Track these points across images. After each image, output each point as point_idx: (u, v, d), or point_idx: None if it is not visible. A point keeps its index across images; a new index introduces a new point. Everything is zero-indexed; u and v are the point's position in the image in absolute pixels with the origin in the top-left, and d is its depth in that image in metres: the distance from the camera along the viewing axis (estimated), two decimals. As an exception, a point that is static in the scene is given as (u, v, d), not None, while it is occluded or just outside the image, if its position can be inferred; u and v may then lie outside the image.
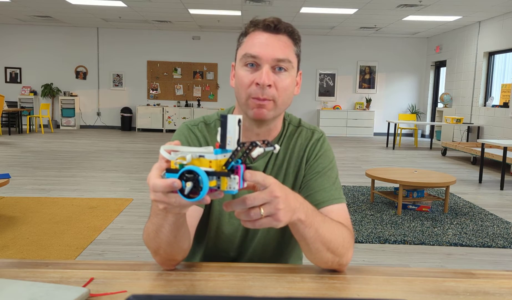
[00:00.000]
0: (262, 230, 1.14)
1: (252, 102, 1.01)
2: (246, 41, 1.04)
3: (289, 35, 1.04)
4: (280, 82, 1.01)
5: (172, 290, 0.89)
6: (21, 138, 9.33)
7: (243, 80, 1.02)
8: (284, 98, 1.03)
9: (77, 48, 11.90)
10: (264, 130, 1.10)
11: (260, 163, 1.11)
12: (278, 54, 1.00)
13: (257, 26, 1.03)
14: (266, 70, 0.99)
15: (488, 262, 3.13)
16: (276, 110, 1.04)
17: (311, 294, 0.89)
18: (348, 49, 12.16)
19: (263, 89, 0.99)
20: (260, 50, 1.00)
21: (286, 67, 1.01)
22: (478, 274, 1.01)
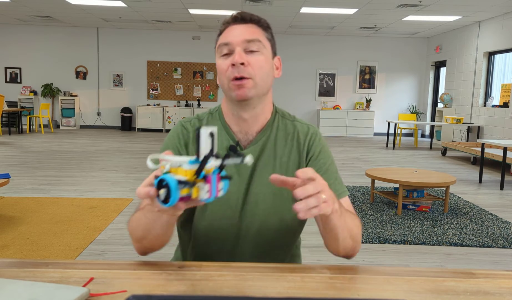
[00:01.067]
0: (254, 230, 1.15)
1: (233, 85, 1.08)
2: (220, 37, 1.13)
3: (256, 23, 1.13)
4: (253, 60, 1.08)
5: (172, 290, 0.89)
6: (21, 138, 9.33)
7: (222, 67, 1.10)
8: (262, 75, 1.09)
9: (77, 48, 11.90)
10: (252, 116, 1.14)
11: (251, 150, 1.15)
12: (246, 36, 1.09)
13: (227, 22, 1.13)
14: (238, 51, 1.07)
15: (488, 262, 3.13)
16: (257, 88, 1.09)
17: (311, 294, 0.89)
18: (348, 49, 12.17)
19: (238, 68, 1.06)
20: (231, 37, 1.09)
21: (257, 47, 1.09)
22: (478, 274, 1.01)
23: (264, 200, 1.14)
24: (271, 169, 1.15)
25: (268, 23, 1.15)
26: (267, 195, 1.14)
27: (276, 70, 1.17)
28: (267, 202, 1.15)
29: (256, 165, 1.15)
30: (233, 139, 1.15)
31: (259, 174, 1.15)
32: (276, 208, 1.15)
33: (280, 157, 1.16)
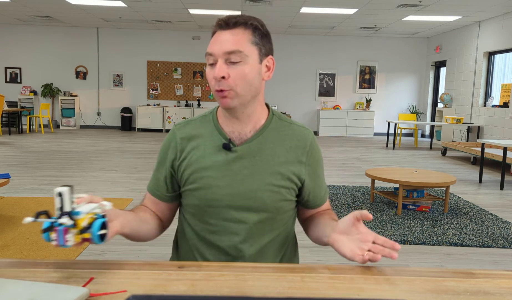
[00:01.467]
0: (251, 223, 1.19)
1: (217, 95, 1.13)
2: (209, 44, 1.15)
3: (244, 27, 1.11)
4: (234, 72, 1.09)
5: (172, 290, 0.89)
6: (21, 138, 9.33)
7: (208, 77, 1.14)
8: (244, 85, 1.11)
9: (77, 48, 11.90)
10: (244, 116, 1.18)
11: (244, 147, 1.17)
12: (227, 47, 1.09)
13: (216, 26, 1.14)
14: (218, 64, 1.09)
15: (488, 262, 3.13)
16: (240, 98, 1.12)
17: (311, 294, 0.89)
18: (348, 49, 12.16)
19: (219, 81, 1.10)
20: (213, 47, 1.11)
21: (238, 58, 1.09)
22: (478, 274, 1.01)
23: (262, 197, 1.17)
24: (269, 167, 1.18)
25: (256, 24, 1.13)
26: (265, 192, 1.17)
27: (266, 72, 1.16)
28: (265, 199, 1.17)
29: (251, 162, 1.17)
30: (225, 138, 1.18)
31: (257, 171, 1.17)
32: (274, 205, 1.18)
33: (278, 156, 1.19)
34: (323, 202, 1.29)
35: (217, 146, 1.18)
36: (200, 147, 1.19)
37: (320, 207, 1.30)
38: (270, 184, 1.17)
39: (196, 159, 1.18)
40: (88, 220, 0.94)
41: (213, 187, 1.16)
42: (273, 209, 1.18)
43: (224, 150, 1.17)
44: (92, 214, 0.95)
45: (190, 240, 1.25)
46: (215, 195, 1.16)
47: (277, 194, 1.18)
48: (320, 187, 1.27)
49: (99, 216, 0.96)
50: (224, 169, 1.16)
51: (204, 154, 1.18)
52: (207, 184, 1.16)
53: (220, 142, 1.18)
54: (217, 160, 1.17)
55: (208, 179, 1.16)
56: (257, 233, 1.19)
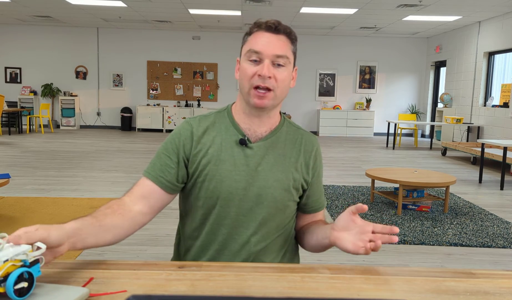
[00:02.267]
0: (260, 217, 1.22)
1: (254, 93, 1.16)
2: (250, 39, 1.19)
3: (287, 36, 1.20)
4: (278, 75, 1.16)
5: (172, 290, 0.89)
6: (21, 138, 9.33)
7: (247, 72, 1.17)
8: (282, 89, 1.19)
9: (77, 48, 11.90)
10: (265, 117, 1.24)
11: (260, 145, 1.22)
12: (277, 51, 1.16)
13: (260, 27, 1.19)
14: (267, 64, 1.15)
15: (488, 262, 3.13)
16: (275, 99, 1.19)
17: (311, 294, 0.89)
18: (348, 49, 12.16)
19: (264, 79, 1.14)
20: (263, 47, 1.15)
21: (284, 62, 1.17)
22: (478, 274, 1.01)
23: (273, 194, 1.21)
24: (281, 165, 1.23)
25: (296, 36, 1.23)
26: (277, 189, 1.21)
27: (292, 80, 1.24)
28: (276, 196, 1.22)
29: (265, 159, 1.22)
30: (242, 134, 1.23)
31: (270, 168, 1.22)
32: (283, 202, 1.23)
33: (289, 157, 1.26)
34: (321, 208, 1.34)
35: (234, 141, 1.22)
36: (217, 140, 1.22)
37: (317, 214, 1.34)
38: (281, 182, 1.22)
39: (213, 151, 1.21)
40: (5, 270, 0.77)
41: (228, 179, 1.19)
42: (282, 206, 1.23)
43: (241, 145, 1.21)
44: (14, 262, 0.78)
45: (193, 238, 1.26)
46: (230, 187, 1.19)
47: (287, 192, 1.23)
48: (320, 192, 1.34)
49: (26, 262, 0.80)
50: (240, 163, 1.20)
51: (221, 147, 1.21)
52: (223, 175, 1.19)
53: (236, 137, 1.22)
54: (233, 154, 1.21)
55: (224, 172, 1.19)
56: (264, 228, 1.22)
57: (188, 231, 1.28)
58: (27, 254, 0.80)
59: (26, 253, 0.81)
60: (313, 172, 1.29)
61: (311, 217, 1.33)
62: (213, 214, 1.21)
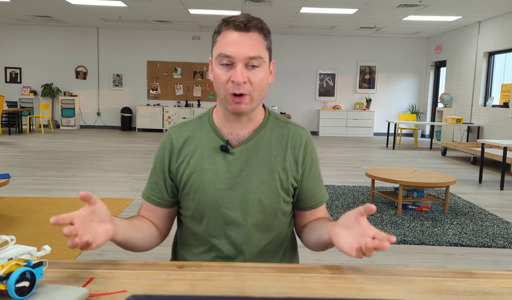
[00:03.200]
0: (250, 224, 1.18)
1: (230, 99, 1.10)
2: (219, 40, 1.10)
3: (259, 31, 1.11)
4: (254, 78, 1.09)
5: (172, 290, 0.89)
6: (21, 138, 9.33)
7: (220, 79, 1.10)
8: (259, 91, 1.12)
9: (77, 48, 11.90)
10: (245, 120, 1.18)
11: (242, 149, 1.17)
12: (249, 52, 1.07)
13: (229, 25, 1.09)
14: (240, 68, 1.07)
15: (488, 262, 3.13)
16: (253, 103, 1.13)
17: (311, 294, 0.89)
18: (348, 49, 12.16)
19: (239, 85, 1.07)
20: (233, 50, 1.07)
21: (258, 63, 1.09)
22: (478, 274, 1.01)
23: (260, 198, 1.16)
24: (266, 167, 1.17)
25: (268, 29, 1.15)
26: (264, 193, 1.16)
27: (270, 75, 1.17)
28: (263, 200, 1.17)
29: (248, 163, 1.17)
30: (222, 140, 1.18)
31: (254, 171, 1.17)
32: (272, 205, 1.18)
33: (275, 156, 1.19)
34: (320, 203, 1.26)
35: (214, 148, 1.18)
36: (198, 149, 1.18)
37: (317, 211, 1.26)
38: (267, 184, 1.17)
39: (194, 162, 1.17)
40: (8, 268, 0.78)
41: (212, 189, 1.15)
42: (271, 210, 1.18)
43: (222, 152, 1.17)
44: (18, 261, 0.80)
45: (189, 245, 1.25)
46: (215, 197, 1.15)
47: (275, 194, 1.17)
48: (316, 187, 1.25)
49: (29, 263, 0.81)
50: (223, 171, 1.16)
51: (202, 156, 1.18)
52: (206, 186, 1.16)
53: (217, 144, 1.18)
54: (215, 162, 1.16)
55: (208, 181, 1.16)
56: (256, 234, 1.18)
57: (183, 238, 1.27)
58: (31, 254, 0.81)
59: (30, 253, 0.81)
60: (303, 167, 1.21)
61: (311, 214, 1.26)
62: (202, 224, 1.19)
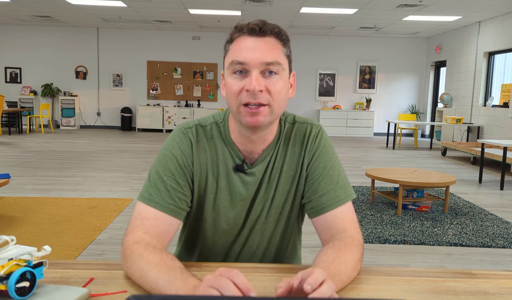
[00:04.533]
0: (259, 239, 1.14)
1: (244, 110, 0.97)
2: (232, 48, 0.99)
3: (277, 37, 0.99)
4: (272, 86, 0.97)
5: (172, 290, 0.89)
6: (21, 138, 9.33)
7: (233, 88, 0.97)
8: (279, 102, 0.99)
9: (77, 48, 11.90)
10: (259, 136, 1.05)
11: (259, 168, 1.09)
12: (266, 57, 0.96)
13: (242, 31, 0.98)
14: (255, 75, 0.95)
15: (488, 262, 3.13)
16: (272, 115, 1.00)
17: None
18: (348, 49, 12.16)
19: (255, 95, 0.95)
20: (247, 56, 0.95)
21: (276, 70, 0.97)
22: (478, 274, 1.01)
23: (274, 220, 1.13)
24: (278, 186, 1.11)
25: (287, 36, 1.02)
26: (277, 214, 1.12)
27: (290, 88, 1.05)
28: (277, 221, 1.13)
29: (262, 185, 1.10)
30: (239, 158, 1.08)
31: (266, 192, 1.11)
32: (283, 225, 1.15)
33: (286, 171, 1.11)
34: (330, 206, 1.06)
35: (231, 167, 1.08)
36: (214, 164, 1.08)
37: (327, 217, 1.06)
38: (280, 204, 1.12)
39: (211, 178, 1.08)
40: (8, 269, 0.77)
41: (227, 210, 1.10)
42: (281, 228, 1.15)
43: (238, 172, 1.08)
44: (19, 261, 0.79)
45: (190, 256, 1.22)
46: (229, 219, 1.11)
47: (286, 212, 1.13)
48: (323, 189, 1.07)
49: (30, 263, 0.80)
50: (239, 193, 1.09)
51: (218, 172, 1.08)
52: (221, 207, 1.10)
53: (232, 162, 1.08)
54: (231, 181, 1.08)
55: (224, 202, 1.09)
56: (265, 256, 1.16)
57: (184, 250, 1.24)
58: (31, 254, 0.81)
59: (31, 253, 0.81)
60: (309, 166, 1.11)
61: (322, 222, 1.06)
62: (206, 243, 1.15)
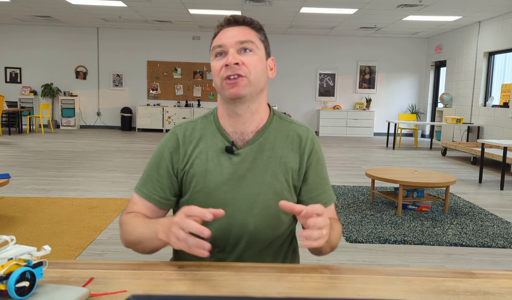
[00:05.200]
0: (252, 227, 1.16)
1: (226, 83, 1.11)
2: (214, 41, 1.17)
3: (249, 25, 1.16)
4: (247, 60, 1.11)
5: (172, 290, 0.89)
6: (21, 138, 9.33)
7: (215, 68, 1.13)
8: (256, 74, 1.12)
9: (77, 48, 11.90)
10: (248, 114, 1.17)
11: (247, 150, 1.17)
12: (240, 37, 1.12)
13: (221, 25, 1.17)
14: (231, 52, 1.11)
15: (488, 262, 3.13)
16: (250, 86, 1.12)
17: (311, 294, 0.89)
18: (348, 49, 12.16)
19: (232, 67, 1.09)
20: (224, 39, 1.13)
21: (250, 47, 1.12)
22: (478, 274, 1.01)
23: (265, 200, 1.16)
24: (270, 169, 1.17)
25: (261, 25, 1.19)
26: (268, 195, 1.16)
27: (270, 70, 1.20)
28: (268, 202, 1.16)
29: (253, 165, 1.16)
30: (228, 141, 1.17)
31: (259, 173, 1.16)
32: (276, 207, 1.17)
33: (280, 157, 1.18)
34: (325, 205, 1.22)
35: (220, 149, 1.17)
36: (203, 149, 1.17)
37: None
38: (272, 186, 1.16)
39: (199, 162, 1.16)
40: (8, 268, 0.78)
41: (217, 191, 1.15)
42: (275, 212, 1.17)
43: (227, 153, 1.16)
44: (18, 261, 0.79)
45: None
46: (219, 199, 1.15)
47: (279, 196, 1.17)
48: (321, 187, 1.22)
49: (30, 263, 0.81)
50: (228, 172, 1.15)
51: (207, 156, 1.17)
52: (211, 188, 1.15)
53: (222, 145, 1.17)
54: (220, 163, 1.16)
55: (212, 183, 1.15)
56: (258, 236, 1.18)
57: None
58: (31, 254, 0.81)
59: (30, 253, 0.81)
60: (307, 167, 1.20)
61: None
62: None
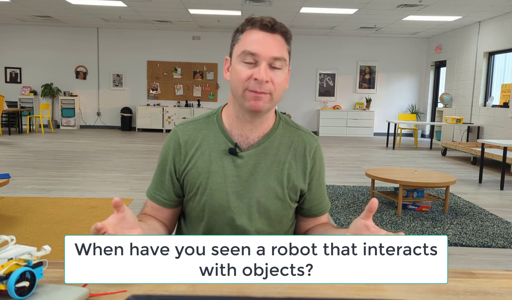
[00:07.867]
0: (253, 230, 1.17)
1: (249, 95, 1.09)
2: (243, 39, 1.11)
3: (283, 35, 1.13)
4: (276, 78, 1.09)
5: (172, 290, 0.89)
6: (21, 138, 9.33)
7: (241, 75, 1.09)
8: (279, 92, 1.12)
9: (77, 48, 11.90)
10: (258, 122, 1.17)
11: (250, 152, 1.16)
12: (275, 52, 1.08)
13: (254, 25, 1.11)
14: (264, 67, 1.07)
15: (488, 262, 3.13)
16: (271, 103, 1.12)
17: (311, 294, 0.89)
18: (348, 49, 12.16)
19: (261, 84, 1.07)
20: (259, 48, 1.07)
21: (280, 65, 1.10)
22: (478, 274, 1.01)
23: (266, 204, 1.16)
24: (273, 173, 1.16)
25: (291, 35, 1.17)
26: (270, 198, 1.16)
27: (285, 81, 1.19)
28: (270, 206, 1.16)
29: (257, 168, 1.16)
30: (231, 142, 1.16)
31: (262, 177, 1.16)
32: (278, 211, 1.17)
33: (283, 162, 1.18)
34: (325, 211, 1.28)
35: (223, 150, 1.16)
36: (205, 150, 1.17)
37: (320, 218, 1.28)
38: (274, 191, 1.16)
39: (202, 163, 1.16)
40: (8, 268, 0.77)
41: (219, 192, 1.14)
42: (277, 216, 1.18)
43: (230, 155, 1.15)
44: (18, 261, 0.79)
45: None
46: (221, 201, 1.15)
47: (281, 201, 1.17)
48: (322, 195, 1.27)
49: (30, 263, 0.81)
50: (231, 174, 1.15)
51: (210, 157, 1.16)
52: (213, 189, 1.15)
53: (226, 147, 1.16)
54: (223, 164, 1.15)
55: (215, 184, 1.15)
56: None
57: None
58: (31, 254, 0.81)
59: (30, 253, 0.81)
60: (311, 176, 1.22)
61: (314, 221, 1.27)
62: (205, 228, 1.19)
